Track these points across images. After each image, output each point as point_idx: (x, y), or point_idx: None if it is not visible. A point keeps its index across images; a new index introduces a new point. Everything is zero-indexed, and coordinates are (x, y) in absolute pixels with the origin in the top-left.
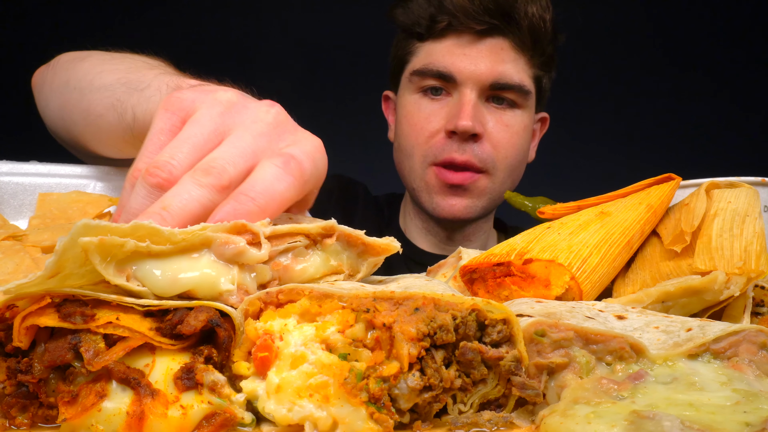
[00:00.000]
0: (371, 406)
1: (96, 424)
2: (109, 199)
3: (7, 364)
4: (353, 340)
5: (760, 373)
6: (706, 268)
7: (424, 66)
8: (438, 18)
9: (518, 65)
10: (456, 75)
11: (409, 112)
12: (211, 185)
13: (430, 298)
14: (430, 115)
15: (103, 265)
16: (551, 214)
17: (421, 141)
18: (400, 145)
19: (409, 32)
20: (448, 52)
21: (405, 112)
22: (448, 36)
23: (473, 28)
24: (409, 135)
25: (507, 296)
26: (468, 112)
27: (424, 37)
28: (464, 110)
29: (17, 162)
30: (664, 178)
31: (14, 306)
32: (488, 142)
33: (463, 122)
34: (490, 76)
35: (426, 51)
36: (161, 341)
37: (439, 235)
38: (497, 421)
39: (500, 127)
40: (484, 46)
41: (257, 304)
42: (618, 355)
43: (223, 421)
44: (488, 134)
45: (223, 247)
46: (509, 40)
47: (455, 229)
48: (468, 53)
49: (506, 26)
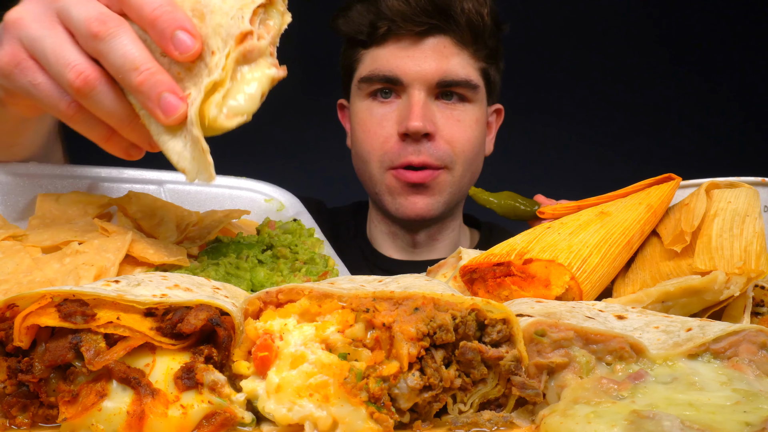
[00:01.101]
0: (371, 405)
1: (96, 423)
2: (109, 199)
3: (7, 364)
4: (353, 340)
5: (760, 372)
6: (706, 268)
7: (370, 72)
8: (378, 24)
9: (462, 60)
10: (402, 77)
11: (362, 119)
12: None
13: (430, 297)
14: (382, 120)
15: None
16: (551, 214)
17: (376, 146)
18: (357, 152)
19: (352, 41)
20: (391, 56)
21: (358, 119)
22: (390, 40)
23: (413, 30)
24: (365, 141)
25: (507, 296)
26: (417, 113)
27: (367, 44)
28: (413, 111)
29: (17, 162)
30: (664, 178)
31: (15, 305)
32: (441, 139)
33: (414, 123)
34: (436, 75)
35: (371, 57)
36: (162, 341)
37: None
38: (497, 420)
39: (452, 123)
40: (426, 46)
41: (257, 303)
42: (618, 355)
43: (223, 421)
44: (440, 131)
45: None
46: (450, 37)
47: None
48: (411, 55)
49: (445, 24)
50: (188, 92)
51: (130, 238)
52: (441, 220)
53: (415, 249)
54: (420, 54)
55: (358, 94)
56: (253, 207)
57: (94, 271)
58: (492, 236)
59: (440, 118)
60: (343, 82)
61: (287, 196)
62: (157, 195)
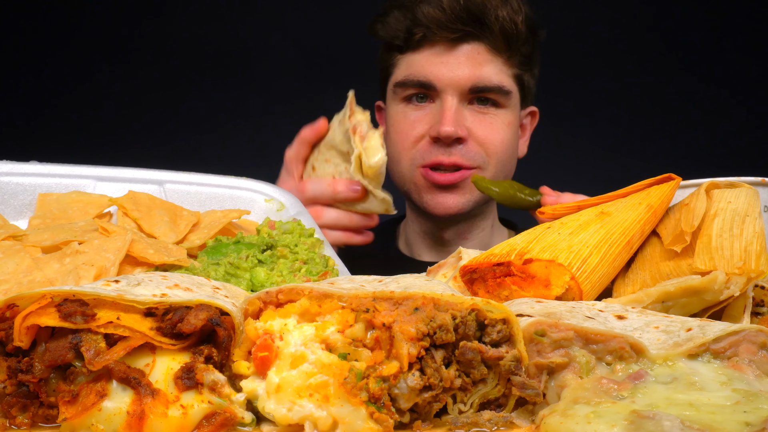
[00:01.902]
0: (371, 405)
1: (96, 423)
2: (109, 199)
3: (7, 364)
4: (353, 340)
5: (760, 372)
6: (706, 268)
7: (405, 77)
8: (414, 30)
9: (496, 67)
10: (435, 83)
11: (396, 121)
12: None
13: (430, 297)
14: (415, 122)
15: None
16: (551, 214)
17: (407, 146)
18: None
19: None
20: (426, 62)
21: (392, 122)
22: (425, 46)
23: (447, 37)
24: (396, 142)
25: (507, 296)
26: (449, 118)
27: (403, 49)
28: (446, 116)
29: (17, 162)
30: (664, 178)
31: (15, 305)
32: (474, 142)
33: (446, 128)
34: (469, 81)
35: (406, 62)
36: (162, 341)
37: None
38: (497, 420)
39: (483, 126)
40: (460, 52)
41: (257, 303)
42: (618, 355)
43: (223, 421)
44: (473, 135)
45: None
46: (484, 44)
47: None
48: (445, 61)
49: (479, 31)
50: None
51: (130, 238)
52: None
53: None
54: (454, 60)
55: (393, 98)
56: (253, 207)
57: (94, 271)
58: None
59: (472, 122)
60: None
61: (287, 196)
62: (157, 195)
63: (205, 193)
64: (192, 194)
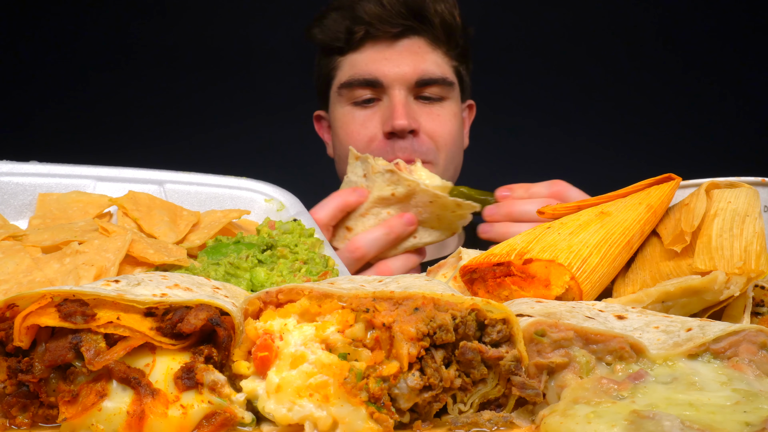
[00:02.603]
0: (371, 405)
1: (96, 423)
2: (109, 199)
3: (7, 364)
4: (353, 340)
5: (760, 372)
6: (706, 268)
7: (350, 78)
8: (354, 29)
9: (437, 59)
10: (382, 79)
11: (344, 123)
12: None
13: (430, 297)
14: (365, 121)
15: None
16: (551, 214)
17: (360, 147)
18: (340, 156)
19: (328, 49)
20: (370, 59)
21: (340, 124)
22: (367, 44)
23: (389, 32)
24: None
25: (507, 296)
26: (401, 111)
27: (344, 50)
28: (397, 110)
29: (17, 162)
30: (664, 178)
31: (15, 305)
32: (425, 135)
33: (399, 121)
34: (415, 74)
35: (349, 63)
36: (162, 341)
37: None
38: (497, 420)
39: (432, 119)
40: (402, 47)
41: (257, 303)
42: (618, 355)
43: (223, 421)
44: (423, 128)
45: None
46: (424, 38)
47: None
48: (389, 57)
49: (419, 25)
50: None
51: (130, 238)
52: None
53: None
54: (397, 55)
55: (338, 100)
56: (253, 207)
57: (94, 271)
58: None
59: (420, 115)
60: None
61: (287, 196)
62: (157, 195)
63: (205, 193)
64: (192, 194)
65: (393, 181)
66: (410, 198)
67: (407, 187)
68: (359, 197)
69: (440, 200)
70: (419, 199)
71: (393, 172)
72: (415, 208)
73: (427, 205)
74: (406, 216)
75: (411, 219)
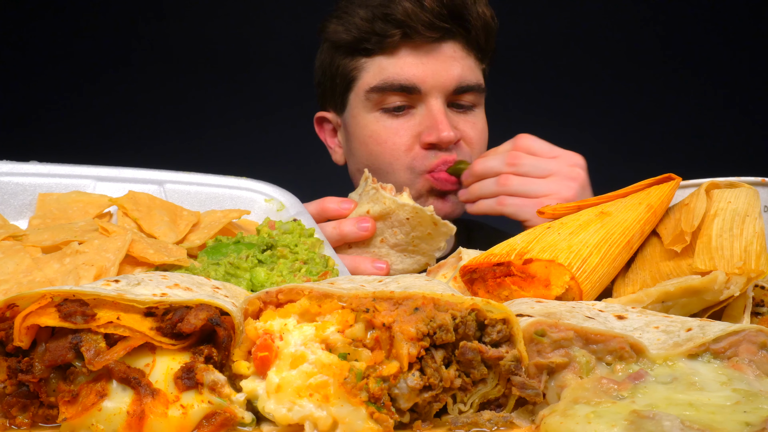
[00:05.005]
0: (371, 405)
1: (96, 423)
2: (109, 199)
3: (7, 364)
4: (353, 340)
5: (760, 372)
6: (706, 268)
7: (383, 81)
8: (390, 32)
9: (471, 65)
10: (420, 86)
11: (374, 131)
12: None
13: (430, 297)
14: (399, 129)
15: None
16: (551, 214)
17: (399, 155)
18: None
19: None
20: (406, 64)
21: (369, 132)
22: (401, 47)
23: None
24: (382, 153)
25: (507, 296)
26: (445, 123)
27: (372, 52)
28: (441, 121)
29: (17, 162)
30: (664, 178)
31: (15, 305)
32: (465, 144)
33: (445, 133)
34: (453, 82)
35: (379, 66)
36: (162, 341)
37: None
38: (497, 420)
39: (469, 128)
40: (439, 52)
41: (257, 303)
42: (618, 355)
43: (223, 421)
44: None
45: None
46: (459, 43)
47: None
48: (426, 62)
49: (458, 29)
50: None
51: (130, 238)
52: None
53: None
54: (434, 61)
55: (364, 105)
56: (253, 207)
57: (94, 271)
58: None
59: (458, 123)
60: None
61: (287, 196)
62: (157, 195)
63: (205, 193)
64: (192, 194)
65: (373, 198)
66: (385, 218)
67: (383, 205)
68: (340, 209)
69: (417, 215)
70: (395, 218)
71: (377, 190)
72: (390, 229)
73: (404, 223)
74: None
75: (366, 226)
